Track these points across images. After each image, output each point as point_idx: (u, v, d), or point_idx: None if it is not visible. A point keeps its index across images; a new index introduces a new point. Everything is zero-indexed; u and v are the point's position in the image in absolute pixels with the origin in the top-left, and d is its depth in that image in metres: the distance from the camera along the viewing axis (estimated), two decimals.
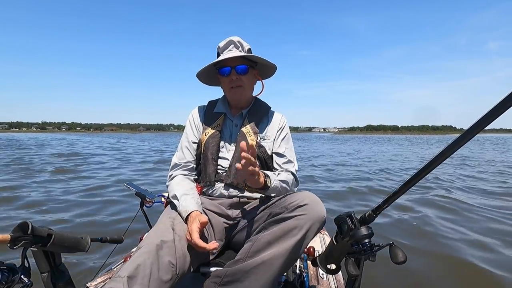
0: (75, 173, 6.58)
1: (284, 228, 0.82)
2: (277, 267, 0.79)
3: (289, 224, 0.82)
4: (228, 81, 1.10)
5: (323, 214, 0.84)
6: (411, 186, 0.58)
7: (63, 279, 0.79)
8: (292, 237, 0.80)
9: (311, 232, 0.82)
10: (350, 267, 0.69)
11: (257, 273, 0.79)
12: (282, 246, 0.80)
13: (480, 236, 2.71)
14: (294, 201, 0.86)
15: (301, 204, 0.84)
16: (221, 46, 1.12)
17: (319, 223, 0.83)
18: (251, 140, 1.11)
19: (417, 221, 3.14)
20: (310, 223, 0.82)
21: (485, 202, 4.05)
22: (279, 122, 1.21)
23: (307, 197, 0.86)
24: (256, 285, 0.78)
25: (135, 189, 1.48)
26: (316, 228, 0.83)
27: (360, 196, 4.59)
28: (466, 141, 0.48)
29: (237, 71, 1.09)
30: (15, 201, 3.88)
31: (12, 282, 0.65)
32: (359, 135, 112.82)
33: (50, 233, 0.72)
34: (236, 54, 1.07)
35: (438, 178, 5.85)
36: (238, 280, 0.80)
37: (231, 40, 1.11)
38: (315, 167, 8.41)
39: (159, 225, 0.92)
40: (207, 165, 1.10)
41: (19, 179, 5.60)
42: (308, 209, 0.83)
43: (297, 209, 0.84)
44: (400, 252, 0.62)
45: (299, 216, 0.82)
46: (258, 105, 1.22)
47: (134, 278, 0.70)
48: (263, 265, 0.79)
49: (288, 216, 0.83)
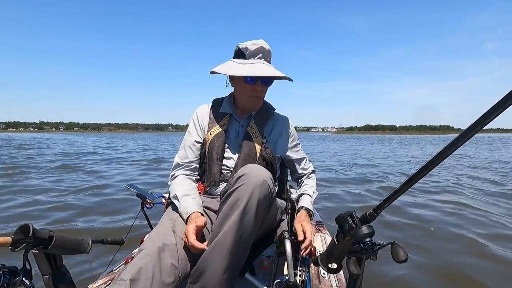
0: (74, 172, 6.59)
1: (230, 204, 0.80)
2: (229, 244, 0.77)
3: (233, 198, 0.80)
4: (251, 89, 1.09)
5: (262, 178, 0.81)
6: (412, 184, 0.58)
7: (64, 281, 0.79)
8: (236, 209, 0.78)
9: (254, 199, 0.79)
10: (352, 266, 0.69)
11: (213, 257, 0.77)
12: (231, 221, 0.78)
13: (482, 235, 2.71)
14: (235, 176, 0.85)
15: (239, 175, 0.83)
16: (250, 50, 1.06)
17: (259, 187, 0.80)
18: (257, 141, 1.12)
19: (429, 224, 3.13)
20: (251, 189, 0.79)
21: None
22: (288, 126, 1.24)
23: (246, 167, 0.85)
24: (216, 270, 0.77)
25: (136, 190, 1.48)
26: (258, 193, 0.80)
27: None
28: (466, 140, 0.48)
29: (263, 83, 1.08)
30: (11, 202, 3.88)
31: (14, 285, 0.65)
32: (358, 135, 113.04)
33: (51, 235, 0.72)
34: (269, 72, 1.04)
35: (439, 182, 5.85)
36: (203, 271, 0.78)
37: (261, 47, 1.07)
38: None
39: (160, 227, 0.92)
40: (212, 165, 1.10)
41: (9, 179, 5.60)
42: (246, 178, 0.81)
43: (237, 181, 0.82)
44: (401, 251, 0.62)
45: (239, 187, 0.80)
46: (264, 107, 1.22)
47: (137, 281, 0.70)
48: (216, 247, 0.78)
49: (231, 191, 0.82)
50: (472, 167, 8.04)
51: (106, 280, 1.12)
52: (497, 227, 2.95)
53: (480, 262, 2.16)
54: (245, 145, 1.11)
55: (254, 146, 1.11)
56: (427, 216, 3.33)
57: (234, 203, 0.80)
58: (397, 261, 0.62)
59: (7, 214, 3.34)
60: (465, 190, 4.78)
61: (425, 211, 3.51)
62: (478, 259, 2.21)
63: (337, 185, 5.38)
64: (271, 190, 0.84)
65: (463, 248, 2.42)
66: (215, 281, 0.77)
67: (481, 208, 3.57)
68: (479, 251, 2.36)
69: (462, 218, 3.24)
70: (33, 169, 7.17)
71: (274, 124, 1.22)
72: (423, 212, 3.49)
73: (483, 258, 2.23)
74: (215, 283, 0.77)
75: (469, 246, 2.46)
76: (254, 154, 1.10)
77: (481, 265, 2.11)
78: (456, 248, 2.42)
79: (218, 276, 0.77)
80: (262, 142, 1.13)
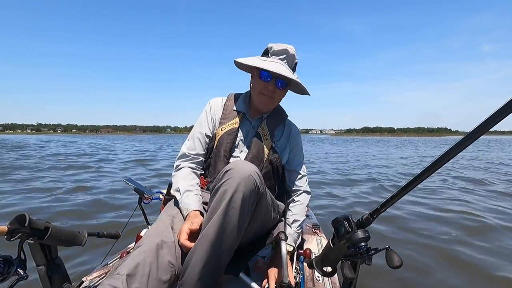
0: (74, 171, 6.60)
1: (217, 199, 0.80)
2: (212, 236, 0.77)
3: (220, 192, 0.80)
4: (263, 86, 1.08)
5: (248, 172, 0.81)
6: (409, 190, 0.58)
7: (59, 273, 0.79)
8: (222, 202, 0.78)
9: (239, 192, 0.79)
10: (346, 270, 0.69)
11: (198, 250, 0.77)
12: (216, 215, 0.78)
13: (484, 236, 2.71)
14: (222, 170, 0.84)
15: (226, 170, 0.83)
16: (274, 49, 1.08)
17: (244, 180, 0.80)
18: (267, 144, 1.11)
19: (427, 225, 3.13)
20: (236, 182, 0.79)
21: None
22: (294, 132, 1.23)
23: (234, 162, 0.85)
24: (197, 261, 0.76)
25: (134, 185, 1.48)
26: (244, 185, 0.79)
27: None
28: (467, 145, 0.48)
29: (277, 84, 1.08)
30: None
31: (8, 274, 0.66)
32: (356, 137, 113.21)
33: (47, 226, 0.72)
34: (286, 73, 1.03)
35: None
36: (187, 265, 0.78)
37: (286, 49, 1.07)
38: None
39: (159, 223, 0.92)
40: (217, 161, 1.10)
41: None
42: (233, 172, 0.81)
43: (223, 175, 0.82)
44: (396, 257, 0.62)
45: (226, 181, 0.80)
46: (278, 111, 1.22)
47: (133, 276, 0.70)
48: (200, 239, 0.78)
49: (218, 185, 0.82)
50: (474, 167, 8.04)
51: (100, 273, 1.12)
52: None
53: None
54: (254, 145, 1.10)
55: (263, 148, 1.11)
56: (429, 223, 3.32)
57: (221, 197, 0.79)
58: (391, 266, 0.62)
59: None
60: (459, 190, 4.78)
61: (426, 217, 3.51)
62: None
63: (341, 186, 5.38)
64: (257, 184, 0.83)
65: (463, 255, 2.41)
66: (194, 273, 0.76)
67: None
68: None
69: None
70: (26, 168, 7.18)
71: (284, 130, 1.21)
72: (422, 216, 3.48)
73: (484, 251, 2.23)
74: (194, 275, 0.76)
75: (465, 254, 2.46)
76: (262, 156, 1.10)
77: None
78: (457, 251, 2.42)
79: (198, 268, 0.76)
80: (272, 145, 1.12)
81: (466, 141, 0.48)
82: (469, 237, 2.78)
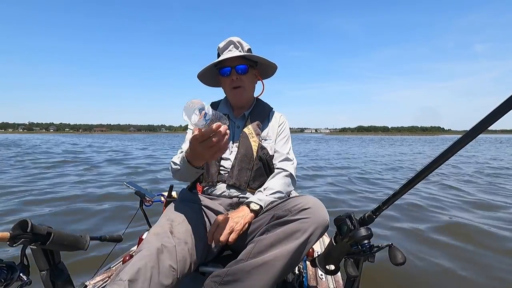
0: (73, 171, 6.59)
1: (287, 231, 0.82)
2: (278, 268, 0.79)
3: (293, 227, 0.82)
4: (229, 81, 1.11)
5: (327, 218, 0.84)
6: (411, 187, 0.58)
7: (62, 278, 0.79)
8: (295, 240, 0.80)
9: (314, 236, 0.82)
10: (349, 268, 0.70)
11: (258, 274, 0.79)
12: (285, 248, 0.80)
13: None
14: (297, 204, 0.86)
15: (304, 208, 0.84)
16: (221, 47, 1.12)
17: (322, 228, 0.83)
18: (254, 142, 1.12)
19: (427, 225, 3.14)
20: (314, 227, 0.81)
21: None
22: (278, 120, 1.22)
23: (311, 201, 0.87)
24: (256, 285, 0.78)
25: (135, 188, 1.48)
26: (319, 232, 0.83)
27: None
28: (467, 142, 0.48)
29: (237, 71, 1.09)
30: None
31: (11, 280, 0.65)
32: (351, 136, 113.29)
33: (50, 231, 0.72)
34: (236, 54, 1.07)
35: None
36: (239, 280, 0.80)
37: (230, 40, 1.12)
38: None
39: (157, 228, 0.92)
40: (209, 166, 1.11)
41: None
42: (312, 212, 0.83)
43: (300, 212, 0.84)
44: (399, 254, 0.63)
45: (302, 219, 0.82)
46: (260, 106, 1.23)
47: (135, 281, 0.70)
48: (264, 265, 0.79)
49: (291, 219, 0.83)
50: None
51: (103, 277, 1.12)
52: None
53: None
54: (242, 145, 1.11)
55: (250, 146, 1.11)
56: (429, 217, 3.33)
57: (293, 233, 0.81)
58: (394, 263, 0.62)
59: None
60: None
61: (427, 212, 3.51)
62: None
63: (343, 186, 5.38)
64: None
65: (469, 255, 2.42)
66: None
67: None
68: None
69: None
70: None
71: (269, 122, 1.21)
72: (423, 215, 3.49)
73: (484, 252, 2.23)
74: None
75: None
76: (251, 155, 1.10)
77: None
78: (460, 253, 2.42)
79: None
80: (259, 142, 1.13)
81: (465, 139, 0.48)
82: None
